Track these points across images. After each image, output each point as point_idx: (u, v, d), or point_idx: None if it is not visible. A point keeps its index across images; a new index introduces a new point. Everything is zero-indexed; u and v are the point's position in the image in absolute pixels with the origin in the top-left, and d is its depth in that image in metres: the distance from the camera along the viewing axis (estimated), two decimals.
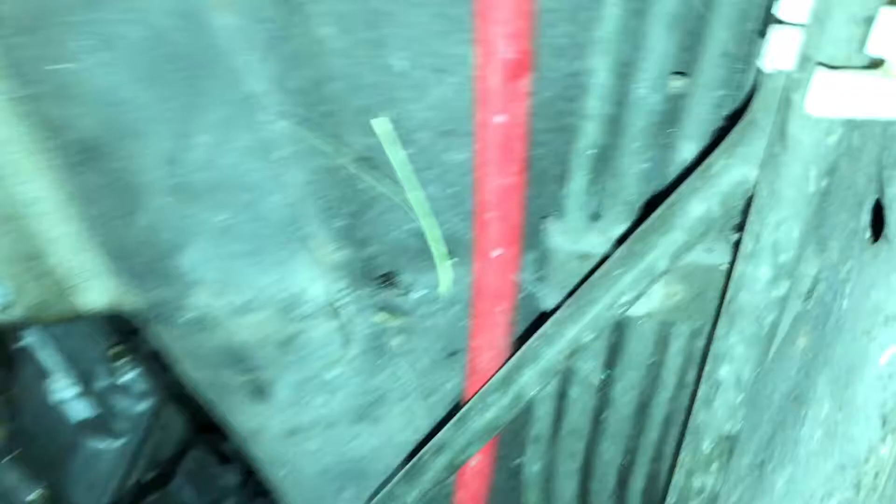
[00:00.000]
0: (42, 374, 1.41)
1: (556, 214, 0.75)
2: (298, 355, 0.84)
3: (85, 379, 1.48)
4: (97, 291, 0.84)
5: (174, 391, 1.67)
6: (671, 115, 0.67)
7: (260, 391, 0.88)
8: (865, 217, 0.53)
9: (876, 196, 0.51)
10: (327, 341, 0.84)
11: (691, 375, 0.85)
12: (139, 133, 0.68)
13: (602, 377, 0.84)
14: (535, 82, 0.65)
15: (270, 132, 0.69)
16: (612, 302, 0.65)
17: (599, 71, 0.64)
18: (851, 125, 0.50)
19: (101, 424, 1.48)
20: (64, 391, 1.44)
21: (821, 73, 0.44)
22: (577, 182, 0.71)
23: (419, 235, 0.78)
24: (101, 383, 1.51)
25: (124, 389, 1.53)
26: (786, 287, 0.55)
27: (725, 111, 0.66)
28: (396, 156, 0.71)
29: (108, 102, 0.66)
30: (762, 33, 0.52)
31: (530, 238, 0.75)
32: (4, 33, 0.63)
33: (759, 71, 0.56)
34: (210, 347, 0.83)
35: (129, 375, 1.53)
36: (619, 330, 0.81)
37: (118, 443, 1.51)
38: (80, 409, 1.47)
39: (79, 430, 1.47)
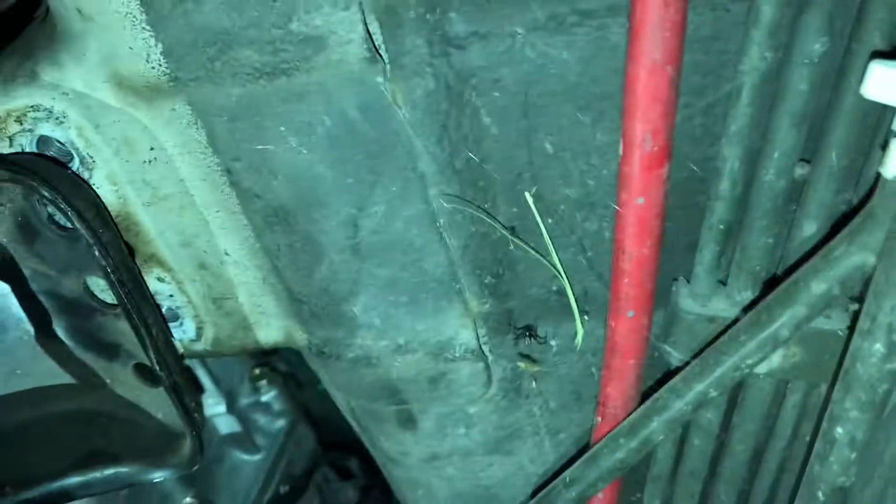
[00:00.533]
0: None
1: (688, 281, 0.83)
2: (445, 392, 0.95)
3: (231, 397, 1.63)
4: (273, 329, 0.97)
5: (305, 410, 1.81)
6: (795, 197, 0.75)
7: (409, 420, 0.99)
8: None
9: None
10: (471, 381, 0.94)
11: (805, 428, 0.91)
12: (325, 203, 0.80)
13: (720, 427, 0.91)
14: (673, 166, 0.74)
15: (436, 204, 0.80)
16: (738, 364, 0.73)
17: (731, 158, 0.72)
18: None
19: (244, 438, 1.63)
20: (213, 407, 1.59)
21: None
22: (707, 253, 0.79)
23: (559, 293, 0.88)
24: (245, 401, 1.67)
25: (264, 407, 1.68)
26: None
27: (846, 196, 0.73)
28: (541, 224, 0.81)
29: (301, 177, 0.79)
30: (884, 144, 0.59)
31: (662, 300, 0.83)
32: (224, 118, 0.77)
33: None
34: (369, 381, 0.95)
35: (269, 395, 1.68)
36: (739, 384, 0.88)
37: (258, 456, 1.66)
38: (226, 424, 1.62)
39: (225, 442, 1.62)
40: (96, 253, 0.80)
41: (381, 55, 0.71)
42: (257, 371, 1.66)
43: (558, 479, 0.92)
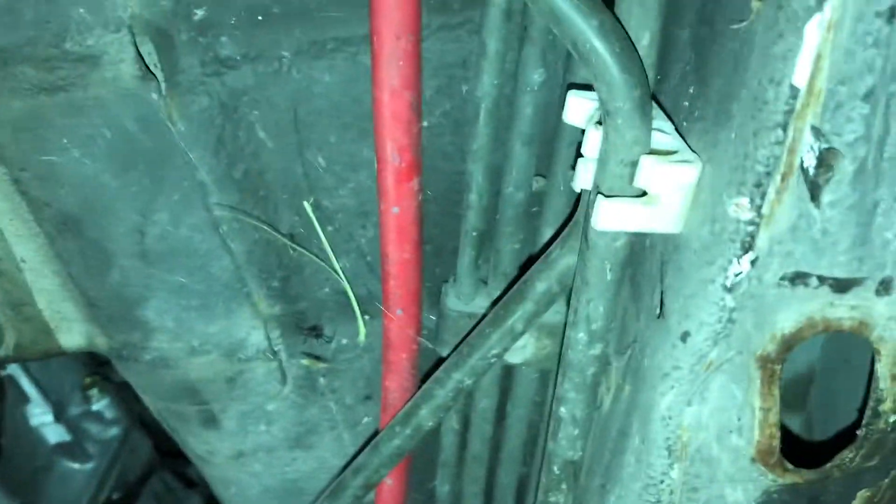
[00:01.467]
0: (22, 400, 1.56)
1: (452, 281, 0.92)
2: (242, 391, 1.01)
3: (60, 406, 1.62)
4: (75, 333, 1.00)
5: (141, 418, 1.82)
6: (534, 206, 0.85)
7: (211, 420, 1.04)
8: (656, 298, 0.70)
9: (661, 283, 0.69)
10: (266, 380, 1.00)
11: None
12: (111, 210, 0.85)
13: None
14: (431, 178, 0.83)
15: (217, 212, 0.86)
16: (485, 354, 0.82)
17: (475, 173, 0.81)
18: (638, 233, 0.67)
19: (74, 448, 1.63)
20: (41, 416, 1.58)
21: (602, 200, 0.62)
22: (466, 257, 0.88)
23: (343, 295, 0.95)
24: (75, 410, 1.66)
25: (96, 416, 1.68)
26: (599, 348, 0.72)
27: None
28: (319, 231, 0.89)
29: (86, 186, 0.83)
30: (573, 164, 0.69)
31: (432, 299, 0.92)
32: (7, 129, 0.80)
33: None
34: (168, 382, 0.99)
35: (101, 403, 1.68)
36: (510, 375, 0.98)
37: (89, 465, 1.66)
38: (55, 434, 1.62)
39: (54, 452, 1.61)
40: None
41: (154, 74, 0.76)
42: (88, 380, 1.66)
43: (348, 469, 0.99)
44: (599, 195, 0.62)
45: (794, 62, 0.50)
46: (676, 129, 0.65)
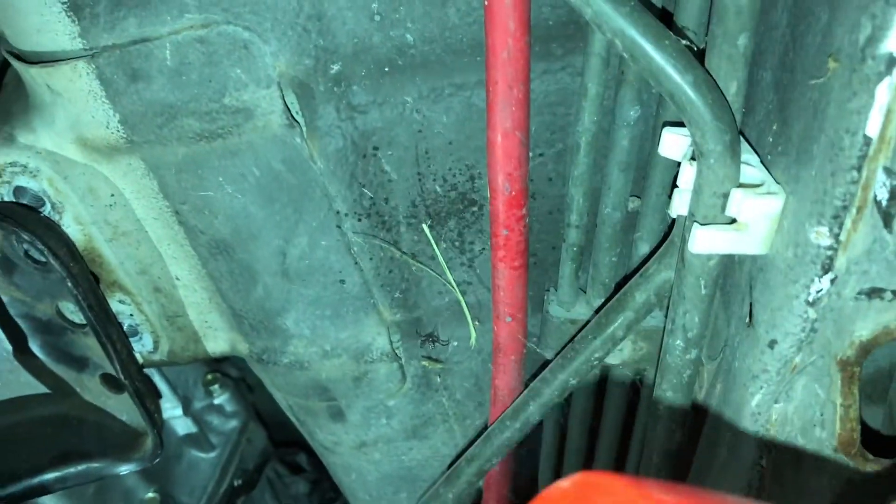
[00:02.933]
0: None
1: (554, 290, 1.02)
2: (367, 388, 1.13)
3: (187, 400, 1.78)
4: (220, 341, 1.14)
5: (256, 411, 1.98)
6: (631, 223, 0.94)
7: (338, 414, 1.17)
8: (745, 308, 0.79)
9: (749, 295, 0.78)
10: (388, 379, 1.13)
11: None
12: (257, 236, 0.98)
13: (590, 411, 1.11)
14: (535, 200, 0.93)
15: (350, 235, 0.98)
16: (588, 357, 0.93)
17: (576, 196, 0.91)
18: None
19: (200, 438, 1.79)
20: (171, 410, 1.75)
21: (697, 227, 0.71)
22: (566, 269, 0.98)
23: (456, 303, 1.07)
24: (199, 404, 1.82)
25: (218, 409, 1.84)
26: (695, 353, 0.82)
27: (668, 223, 0.93)
28: (436, 249, 1.00)
29: (236, 217, 0.96)
30: (670, 193, 0.79)
31: (535, 307, 1.02)
32: (172, 171, 0.94)
33: None
34: (302, 382, 1.13)
35: (222, 398, 1.84)
36: (607, 373, 1.08)
37: (213, 453, 1.82)
38: (183, 426, 1.78)
39: (183, 442, 1.78)
40: (68, 283, 0.97)
41: (297, 121, 0.89)
42: (210, 376, 1.81)
43: (462, 458, 1.11)
44: (695, 223, 0.72)
45: (867, 116, 0.58)
46: (762, 161, 0.74)
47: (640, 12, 0.67)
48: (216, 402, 1.82)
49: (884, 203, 0.62)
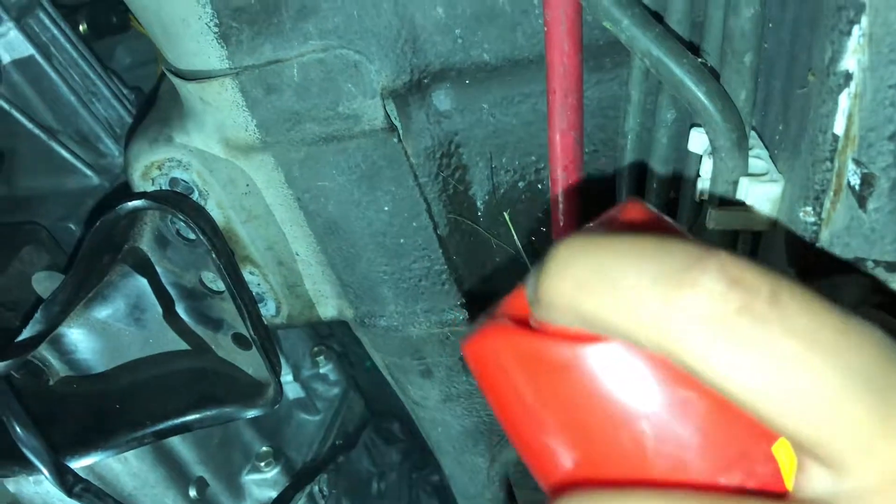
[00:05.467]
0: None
1: None
2: (450, 349, 1.34)
3: (297, 368, 2.03)
4: (329, 307, 1.36)
5: (355, 381, 2.21)
6: (670, 212, 1.12)
7: (427, 372, 1.38)
8: None
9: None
10: None
11: None
12: (362, 219, 1.19)
13: None
14: (593, 189, 1.12)
15: (437, 219, 1.19)
16: None
17: (622, 187, 1.09)
18: None
19: (307, 403, 2.03)
20: (284, 376, 1.99)
21: (712, 209, 0.89)
22: None
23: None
24: (307, 372, 2.06)
25: (322, 378, 2.08)
26: None
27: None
28: (514, 233, 1.20)
29: (347, 203, 1.18)
30: (693, 181, 0.96)
31: None
32: (296, 165, 1.16)
33: None
34: (397, 343, 1.34)
35: (326, 368, 2.07)
36: None
37: (318, 417, 2.05)
38: (293, 391, 2.02)
39: (293, 405, 2.02)
40: (212, 255, 1.21)
41: (395, 125, 1.10)
42: (316, 349, 2.06)
43: None
44: (711, 206, 0.89)
45: (834, 118, 0.75)
46: (770, 156, 0.91)
47: (664, 36, 0.85)
48: (322, 371, 2.05)
49: (856, 188, 0.79)
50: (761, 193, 0.87)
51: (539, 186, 1.17)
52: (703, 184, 0.93)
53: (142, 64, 1.85)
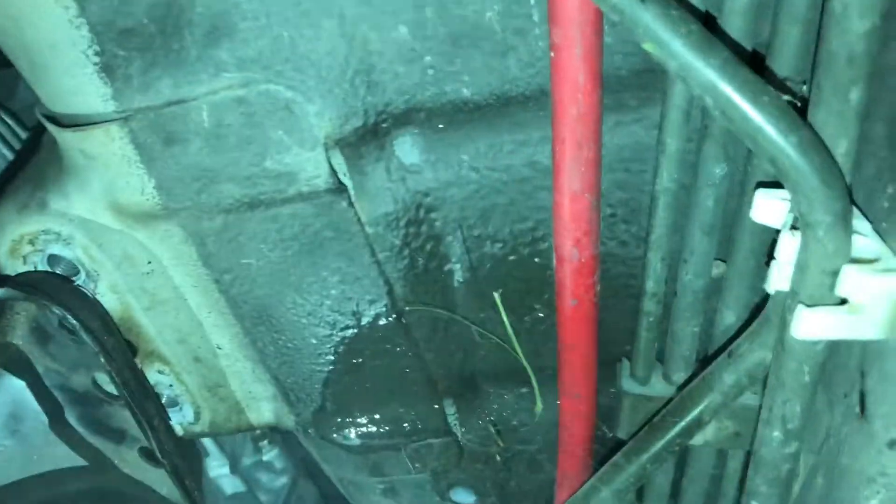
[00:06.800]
0: (202, 454, 1.66)
1: (627, 362, 0.93)
2: (420, 465, 1.05)
3: (234, 458, 1.72)
4: (264, 411, 1.07)
5: (306, 466, 1.90)
6: (715, 290, 0.84)
7: (391, 491, 1.09)
8: (855, 396, 0.69)
9: (861, 382, 0.67)
10: (444, 452, 1.04)
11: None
12: (304, 305, 0.91)
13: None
14: (606, 263, 0.84)
15: (401, 304, 0.90)
16: (670, 442, 0.83)
17: (653, 261, 0.82)
18: None
19: (248, 497, 1.72)
20: (218, 469, 1.68)
21: (802, 310, 0.61)
22: (642, 340, 0.89)
23: (517, 372, 0.98)
24: (248, 461, 1.76)
25: (267, 466, 1.77)
26: (795, 446, 0.71)
27: (758, 292, 0.83)
28: (505, 318, 0.91)
29: (281, 284, 0.90)
30: (767, 262, 0.69)
31: (605, 375, 0.93)
32: (212, 238, 0.87)
33: None
34: (352, 457, 1.05)
35: (271, 454, 1.77)
36: (687, 452, 0.98)
37: None
38: (230, 485, 1.71)
39: (230, 501, 1.71)
40: (100, 358, 0.91)
41: (344, 184, 0.82)
42: (259, 431, 1.75)
43: None
44: (800, 304, 0.62)
45: None
46: (875, 229, 0.64)
47: (734, 65, 0.58)
48: (265, 458, 1.75)
49: None
50: (876, 289, 0.60)
51: (536, 261, 0.89)
52: (781, 270, 0.65)
53: None
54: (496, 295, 0.90)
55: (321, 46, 0.74)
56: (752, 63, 0.70)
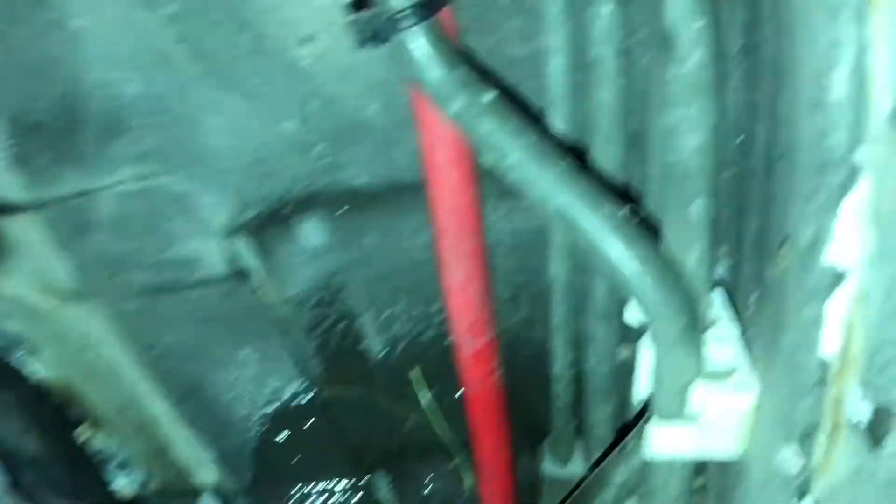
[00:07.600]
0: None
1: (547, 443, 0.91)
2: None
3: None
4: (213, 472, 1.09)
5: None
6: (628, 369, 0.82)
7: None
8: None
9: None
10: None
11: None
12: (224, 380, 0.92)
13: None
14: (515, 345, 0.83)
15: (317, 382, 0.91)
16: None
17: (558, 346, 0.81)
18: None
19: None
20: None
21: (654, 424, 0.60)
22: (558, 422, 0.87)
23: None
24: None
25: None
26: None
27: None
28: (427, 393, 0.91)
29: (202, 361, 0.91)
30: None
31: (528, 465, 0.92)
32: (131, 318, 0.90)
33: None
34: None
35: None
36: None
37: None
38: None
39: None
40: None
41: (250, 267, 0.83)
42: None
43: None
44: (654, 418, 0.60)
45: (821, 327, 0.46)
46: (743, 337, 0.62)
47: (569, 175, 0.56)
48: None
49: (862, 426, 0.49)
50: (726, 405, 0.58)
51: (449, 339, 0.88)
52: (644, 378, 0.64)
53: None
54: (413, 373, 0.90)
55: (212, 141, 0.76)
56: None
